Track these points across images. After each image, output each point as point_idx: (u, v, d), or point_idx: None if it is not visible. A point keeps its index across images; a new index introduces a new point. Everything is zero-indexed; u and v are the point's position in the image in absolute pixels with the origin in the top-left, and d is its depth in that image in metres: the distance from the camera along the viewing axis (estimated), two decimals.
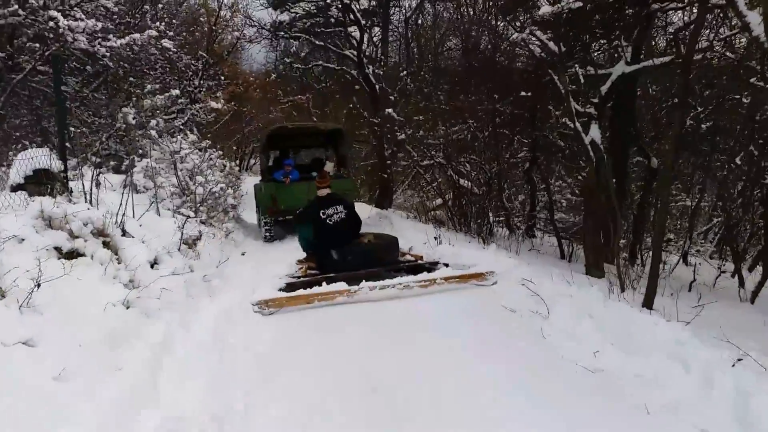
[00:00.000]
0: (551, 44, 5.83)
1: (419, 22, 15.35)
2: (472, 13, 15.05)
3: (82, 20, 6.13)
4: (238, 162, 11.38)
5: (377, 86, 14.47)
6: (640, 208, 9.82)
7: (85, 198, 4.84)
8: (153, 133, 6.77)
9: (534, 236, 12.06)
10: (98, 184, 4.94)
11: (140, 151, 6.84)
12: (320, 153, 11.44)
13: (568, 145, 9.87)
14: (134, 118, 7.03)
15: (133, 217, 5.43)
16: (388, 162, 14.08)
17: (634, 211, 10.07)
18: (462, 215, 10.21)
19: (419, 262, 6.03)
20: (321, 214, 5.79)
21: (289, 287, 5.00)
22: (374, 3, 15.62)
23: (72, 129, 6.75)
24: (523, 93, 9.34)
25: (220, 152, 10.45)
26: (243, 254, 7.08)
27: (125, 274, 3.88)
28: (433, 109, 11.60)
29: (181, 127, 11.53)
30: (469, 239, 8.53)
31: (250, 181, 13.80)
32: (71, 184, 5.07)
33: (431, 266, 5.80)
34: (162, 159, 7.28)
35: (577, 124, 5.97)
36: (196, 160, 7.25)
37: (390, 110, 11.42)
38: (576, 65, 6.14)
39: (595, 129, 6.30)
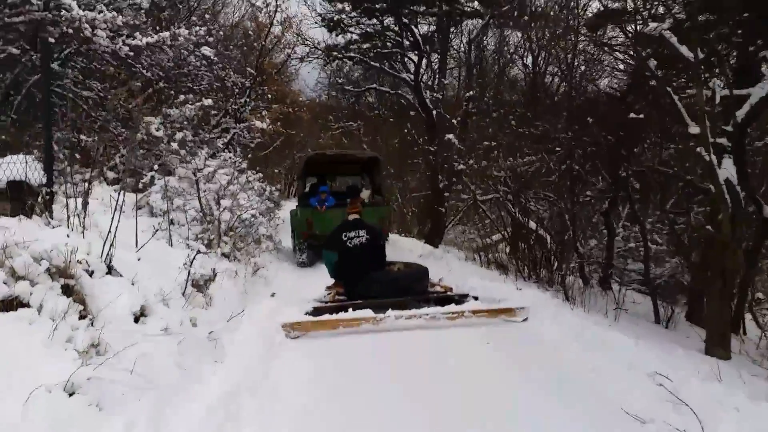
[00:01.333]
0: (684, 49, 4.45)
1: (482, 45, 14.19)
2: (540, 36, 13.78)
3: (102, 12, 5.22)
4: (279, 187, 10.32)
5: (434, 112, 13.32)
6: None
7: (68, 221, 3.74)
8: (175, 146, 5.75)
9: (610, 289, 10.42)
10: (86, 204, 3.82)
11: (156, 167, 5.80)
12: (356, 180, 11.51)
13: (664, 182, 8.33)
14: (158, 129, 6.03)
15: (137, 247, 4.32)
16: (446, 194, 12.79)
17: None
18: (530, 261, 8.74)
19: (448, 293, 5.89)
20: (343, 237, 5.76)
21: (316, 311, 4.96)
22: (434, 28, 14.64)
23: (83, 138, 5.80)
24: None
25: (260, 175, 9.44)
26: (273, 295, 5.87)
27: (85, 336, 2.68)
28: (496, 138, 10.27)
29: (220, 146, 10.64)
30: (540, 291, 7.09)
31: (288, 207, 13.04)
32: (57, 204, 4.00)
33: (461, 298, 5.65)
34: (187, 178, 6.25)
35: (713, 156, 4.50)
36: (224, 180, 6.15)
37: (450, 136, 10.18)
38: (714, 79, 4.72)
39: (730, 165, 4.81)
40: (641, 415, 3.10)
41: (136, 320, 3.26)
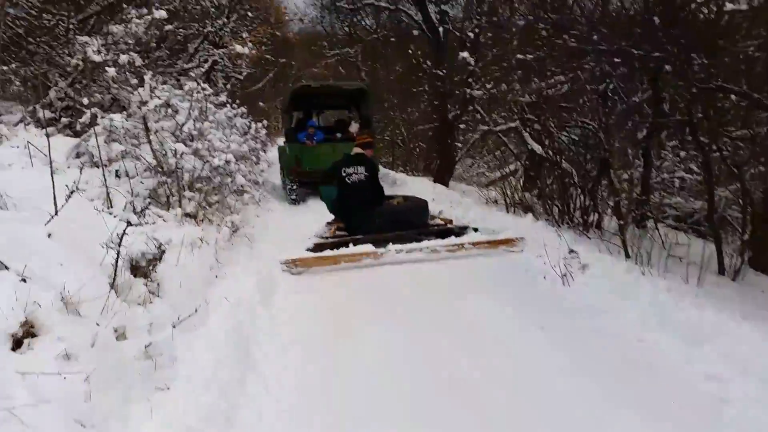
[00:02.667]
0: None
1: None
2: None
3: None
4: (266, 124, 9.00)
5: (441, 29, 11.62)
6: None
7: None
8: (113, 72, 4.35)
9: (645, 227, 9.21)
10: None
11: (102, 101, 4.43)
12: (343, 114, 11.29)
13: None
14: (98, 53, 4.62)
15: (56, 214, 3.05)
16: (459, 125, 11.34)
17: None
18: (562, 200, 7.47)
19: (449, 226, 5.92)
20: (342, 173, 5.77)
21: (317, 248, 4.99)
22: None
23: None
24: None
25: (242, 110, 8.02)
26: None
27: None
28: (518, 55, 8.63)
29: (192, 75, 9.14)
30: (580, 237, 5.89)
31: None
32: None
33: (460, 231, 5.69)
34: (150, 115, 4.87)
35: None
36: (188, 115, 4.78)
37: (465, 54, 8.62)
38: None
39: None
40: None
41: (16, 346, 2.05)
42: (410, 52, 12.18)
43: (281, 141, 11.39)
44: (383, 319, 3.52)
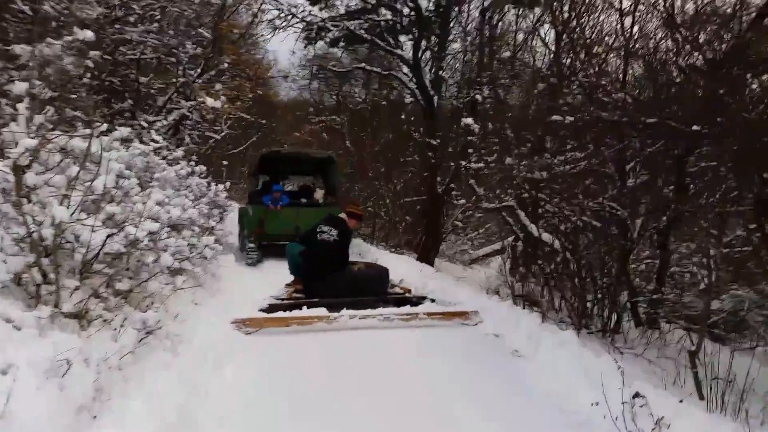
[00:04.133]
0: None
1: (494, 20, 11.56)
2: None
3: None
4: (227, 186, 7.90)
5: (435, 98, 10.75)
6: None
7: None
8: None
9: (658, 329, 7.93)
10: None
11: None
12: (309, 180, 11.71)
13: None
14: None
15: None
16: (448, 200, 10.23)
17: None
18: (577, 296, 6.20)
19: (406, 295, 5.95)
20: (317, 228, 5.84)
21: (271, 308, 4.98)
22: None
23: None
24: None
25: (201, 168, 6.75)
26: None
27: None
28: (522, 126, 7.62)
29: (155, 130, 7.94)
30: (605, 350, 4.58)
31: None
32: None
33: (418, 300, 5.69)
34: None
35: None
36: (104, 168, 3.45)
37: (469, 121, 7.59)
38: None
39: None
40: None
41: None
42: (402, 117, 11.24)
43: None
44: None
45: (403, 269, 7.92)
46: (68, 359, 2.37)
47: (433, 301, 5.63)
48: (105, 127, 3.79)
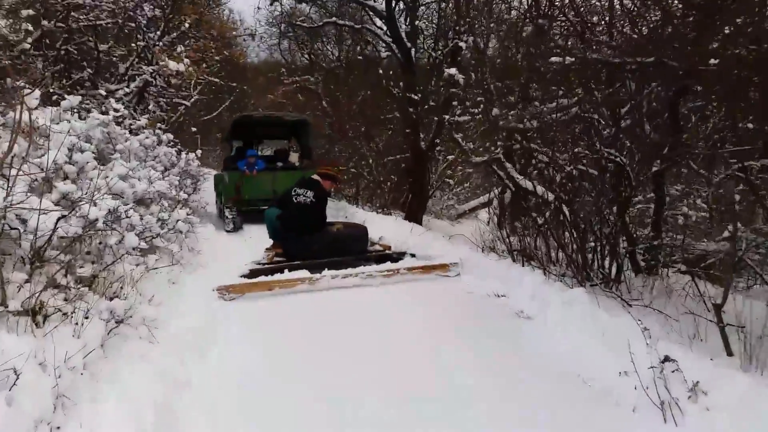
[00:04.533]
0: None
1: None
2: None
3: None
4: (198, 155, 7.45)
5: (413, 50, 10.20)
6: None
7: None
8: None
9: (657, 275, 7.77)
10: None
11: None
12: (284, 144, 11.59)
13: None
14: None
15: None
16: (430, 154, 9.85)
17: None
18: (576, 248, 5.95)
19: (387, 252, 5.99)
20: (293, 191, 5.81)
21: (252, 274, 4.96)
22: None
23: None
24: None
25: (167, 136, 6.27)
26: None
27: None
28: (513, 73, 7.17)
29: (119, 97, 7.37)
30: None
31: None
32: None
33: (398, 256, 5.75)
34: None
35: None
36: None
37: (453, 71, 7.14)
38: None
39: None
40: None
41: None
42: (380, 73, 10.68)
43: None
44: None
45: (391, 230, 7.62)
46: (15, 368, 2.02)
47: (413, 256, 5.66)
48: (36, 93, 3.30)
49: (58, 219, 2.74)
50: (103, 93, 8.39)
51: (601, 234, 5.83)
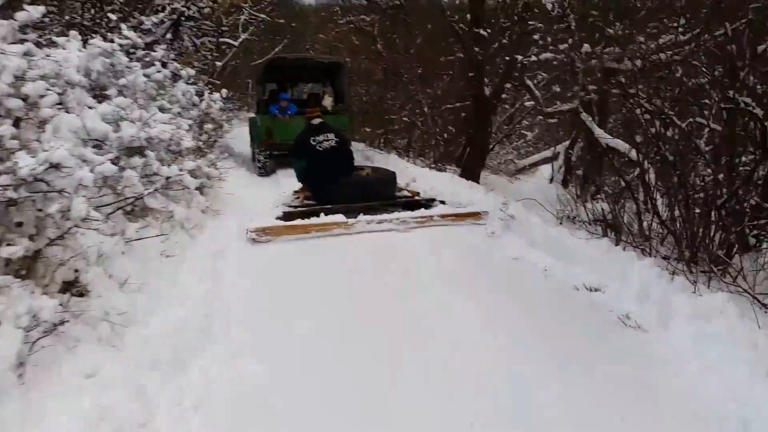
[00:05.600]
0: None
1: None
2: None
3: None
4: (225, 95, 6.49)
5: None
6: None
7: None
8: None
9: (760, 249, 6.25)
10: None
11: None
12: (317, 87, 11.37)
13: None
14: None
15: None
16: (495, 102, 8.50)
17: None
18: (689, 228, 4.62)
19: (416, 198, 5.96)
20: (311, 141, 5.65)
21: (287, 216, 4.93)
22: None
23: None
24: None
25: (189, 71, 5.31)
26: None
27: None
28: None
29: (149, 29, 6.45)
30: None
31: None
32: None
33: (428, 203, 5.69)
34: None
35: None
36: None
37: None
38: None
39: None
40: None
41: None
42: (443, 2, 9.24)
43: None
44: None
45: (448, 189, 6.54)
46: None
47: (443, 202, 5.61)
48: None
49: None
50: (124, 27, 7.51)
51: (718, 204, 4.49)
